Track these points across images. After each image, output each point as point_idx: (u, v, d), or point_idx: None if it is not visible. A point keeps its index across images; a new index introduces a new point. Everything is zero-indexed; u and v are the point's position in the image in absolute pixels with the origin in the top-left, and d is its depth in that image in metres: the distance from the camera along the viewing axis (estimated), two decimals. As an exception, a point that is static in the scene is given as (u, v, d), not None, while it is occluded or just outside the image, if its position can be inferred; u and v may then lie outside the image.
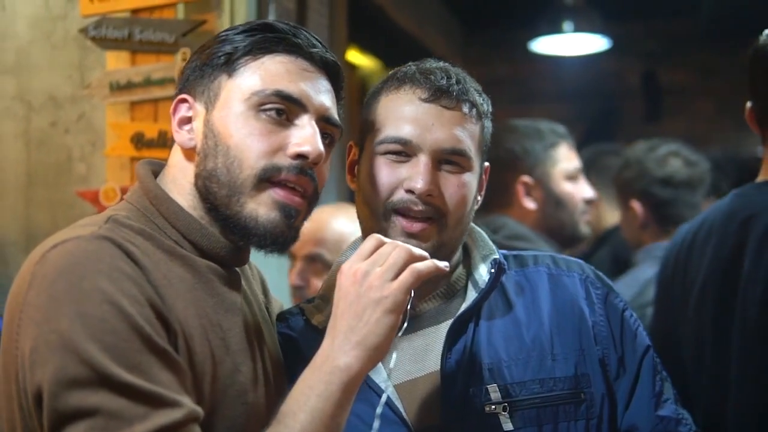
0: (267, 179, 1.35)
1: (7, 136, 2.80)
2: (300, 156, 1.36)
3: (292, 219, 1.38)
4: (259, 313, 1.52)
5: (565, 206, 2.72)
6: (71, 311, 1.16)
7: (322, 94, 1.41)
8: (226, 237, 1.40)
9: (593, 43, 5.39)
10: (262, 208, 1.36)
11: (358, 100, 4.83)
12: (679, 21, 6.19)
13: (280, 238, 1.38)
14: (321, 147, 1.38)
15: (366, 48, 5.02)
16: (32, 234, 2.72)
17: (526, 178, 2.70)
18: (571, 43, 5.38)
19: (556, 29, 5.17)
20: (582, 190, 2.77)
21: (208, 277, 1.37)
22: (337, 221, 2.39)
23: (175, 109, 1.43)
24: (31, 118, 2.76)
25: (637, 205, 3.12)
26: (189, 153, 1.41)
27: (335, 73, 1.46)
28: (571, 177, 2.75)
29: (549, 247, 2.59)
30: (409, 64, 1.61)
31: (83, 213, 2.34)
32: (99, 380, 1.14)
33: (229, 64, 1.38)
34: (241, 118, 1.36)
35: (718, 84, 6.26)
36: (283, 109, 1.37)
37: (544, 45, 5.43)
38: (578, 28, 5.13)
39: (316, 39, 1.44)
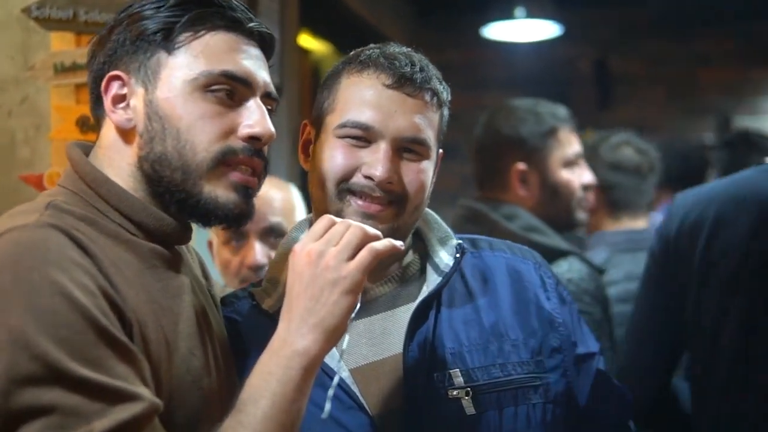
0: (222, 162, 1.34)
1: (-52, 120, 2.72)
2: (252, 138, 1.35)
3: (249, 197, 1.38)
4: (203, 296, 1.49)
5: (560, 195, 2.66)
6: (21, 304, 1.12)
7: (262, 70, 1.40)
8: (171, 215, 1.37)
9: (545, 30, 5.42)
10: (219, 189, 1.35)
11: (310, 84, 4.80)
12: (630, 9, 6.25)
13: (240, 216, 1.38)
14: (272, 128, 1.38)
15: (318, 32, 4.98)
16: (-25, 219, 2.66)
17: (521, 166, 2.63)
18: (523, 29, 5.40)
19: (508, 15, 5.18)
20: (580, 176, 2.71)
21: (152, 262, 1.34)
22: (269, 192, 2.30)
23: (107, 88, 1.36)
24: (-26, 100, 2.69)
25: None
26: (126, 133, 1.37)
27: (269, 44, 1.45)
28: (570, 163, 2.68)
29: (561, 240, 2.58)
30: (372, 46, 1.60)
31: (28, 197, 2.26)
32: (53, 376, 1.10)
33: (168, 41, 1.34)
34: (190, 99, 1.33)
35: (667, 72, 6.34)
36: (231, 89, 1.35)
37: (496, 31, 5.44)
38: (530, 14, 5.15)
39: (246, 8, 1.42)
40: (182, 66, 1.34)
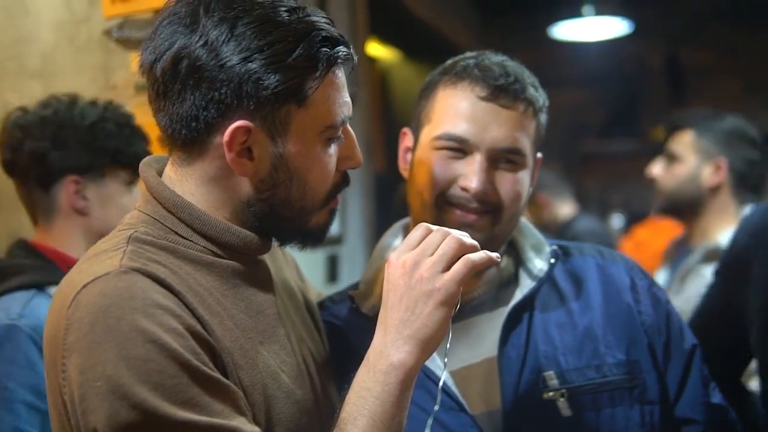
0: (331, 198, 1.39)
1: (35, 140, 2.82)
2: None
3: (334, 216, 1.43)
4: (291, 302, 1.51)
5: None
6: (114, 355, 1.14)
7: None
8: (253, 230, 1.38)
9: (614, 27, 5.36)
10: (323, 217, 1.39)
11: (379, 92, 4.83)
12: (701, 1, 6.14)
13: (325, 235, 1.43)
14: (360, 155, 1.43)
15: (386, 40, 5.01)
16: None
17: None
18: (592, 28, 5.35)
19: (576, 13, 5.15)
20: None
21: (234, 282, 1.36)
22: None
23: (232, 138, 1.27)
24: (58, 121, 2.78)
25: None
26: (244, 177, 1.33)
27: None
28: None
29: None
30: (468, 56, 1.62)
31: (113, 212, 2.35)
32: (154, 422, 1.13)
33: (299, 93, 1.28)
34: (317, 152, 1.33)
35: (742, 63, 6.21)
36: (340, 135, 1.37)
37: (565, 30, 5.40)
38: (599, 12, 5.10)
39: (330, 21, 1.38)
40: (313, 119, 1.31)
